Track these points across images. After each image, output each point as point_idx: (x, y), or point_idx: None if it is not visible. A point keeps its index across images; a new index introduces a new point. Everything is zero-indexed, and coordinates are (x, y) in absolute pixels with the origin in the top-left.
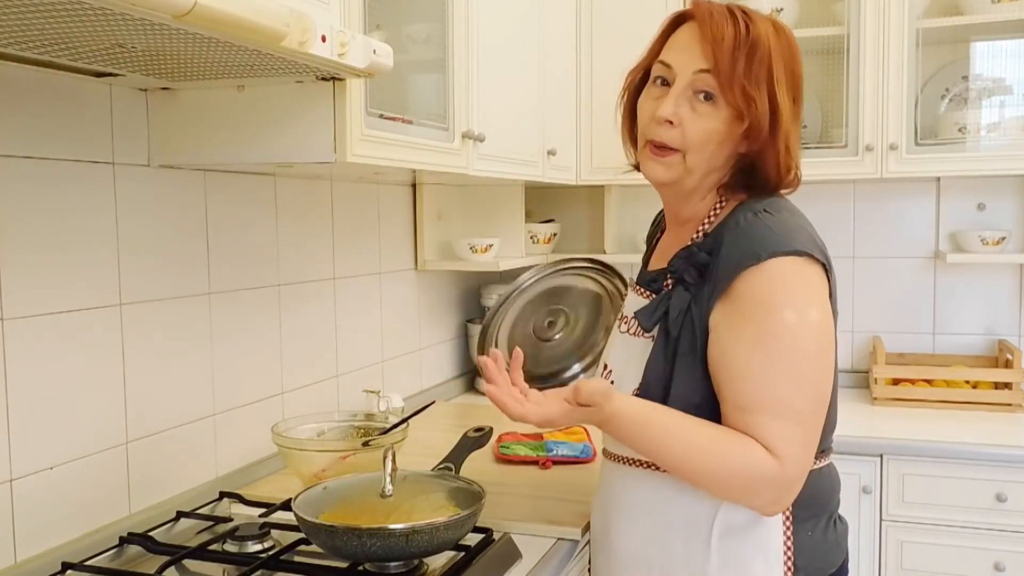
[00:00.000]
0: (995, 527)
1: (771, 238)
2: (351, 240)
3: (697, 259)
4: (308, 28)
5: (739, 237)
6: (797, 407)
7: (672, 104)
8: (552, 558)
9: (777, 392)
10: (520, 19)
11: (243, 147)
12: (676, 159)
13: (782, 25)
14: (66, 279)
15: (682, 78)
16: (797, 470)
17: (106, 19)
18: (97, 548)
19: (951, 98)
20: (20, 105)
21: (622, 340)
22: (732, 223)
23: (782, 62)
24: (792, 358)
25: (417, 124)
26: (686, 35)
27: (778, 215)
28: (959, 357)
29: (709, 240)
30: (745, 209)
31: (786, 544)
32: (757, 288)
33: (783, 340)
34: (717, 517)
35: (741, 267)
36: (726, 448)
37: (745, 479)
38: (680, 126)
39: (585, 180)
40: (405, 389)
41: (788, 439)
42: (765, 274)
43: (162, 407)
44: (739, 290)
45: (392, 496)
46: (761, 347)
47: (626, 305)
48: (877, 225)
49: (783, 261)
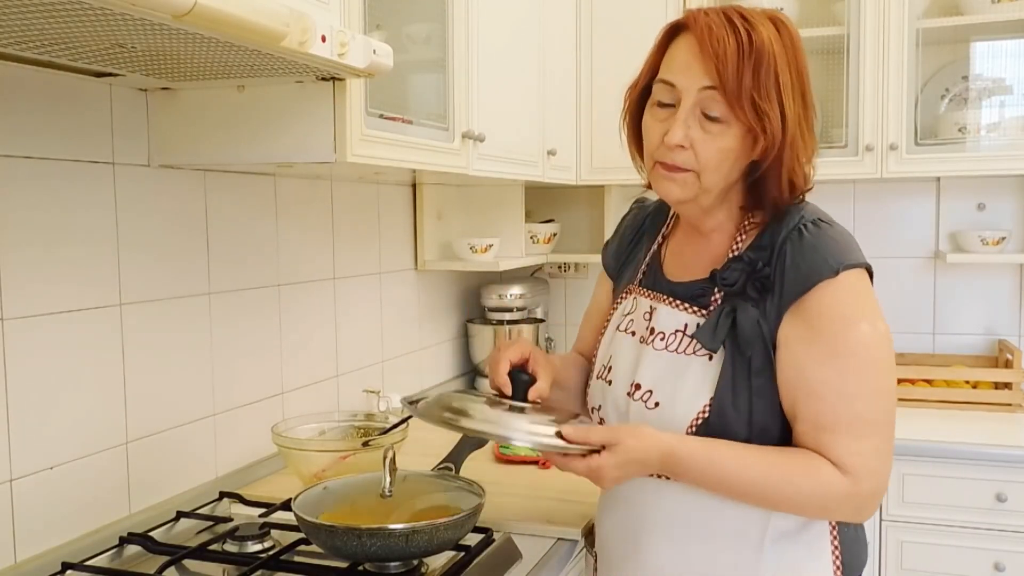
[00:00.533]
0: (995, 527)
1: (840, 250)
2: (351, 240)
3: (762, 273)
4: (308, 28)
5: (807, 249)
6: (875, 421)
7: (681, 128)
8: (552, 558)
9: (857, 409)
10: (520, 19)
11: (243, 147)
12: (690, 177)
13: (782, 20)
14: (66, 279)
15: (687, 98)
16: (875, 482)
17: (106, 19)
18: (97, 548)
19: (951, 98)
20: (20, 105)
21: (661, 358)
22: (792, 234)
23: (787, 64)
24: (871, 372)
25: (417, 124)
26: (684, 50)
27: (835, 227)
28: (959, 357)
29: (765, 252)
30: (795, 218)
31: (833, 544)
32: (834, 301)
33: (860, 355)
34: (769, 524)
35: (817, 279)
36: (794, 475)
37: (820, 501)
38: (692, 148)
39: (585, 180)
40: (405, 389)
41: (864, 455)
42: (841, 287)
43: (162, 407)
44: (814, 303)
45: (392, 496)
46: (840, 362)
47: (657, 318)
48: (877, 225)
49: (853, 274)
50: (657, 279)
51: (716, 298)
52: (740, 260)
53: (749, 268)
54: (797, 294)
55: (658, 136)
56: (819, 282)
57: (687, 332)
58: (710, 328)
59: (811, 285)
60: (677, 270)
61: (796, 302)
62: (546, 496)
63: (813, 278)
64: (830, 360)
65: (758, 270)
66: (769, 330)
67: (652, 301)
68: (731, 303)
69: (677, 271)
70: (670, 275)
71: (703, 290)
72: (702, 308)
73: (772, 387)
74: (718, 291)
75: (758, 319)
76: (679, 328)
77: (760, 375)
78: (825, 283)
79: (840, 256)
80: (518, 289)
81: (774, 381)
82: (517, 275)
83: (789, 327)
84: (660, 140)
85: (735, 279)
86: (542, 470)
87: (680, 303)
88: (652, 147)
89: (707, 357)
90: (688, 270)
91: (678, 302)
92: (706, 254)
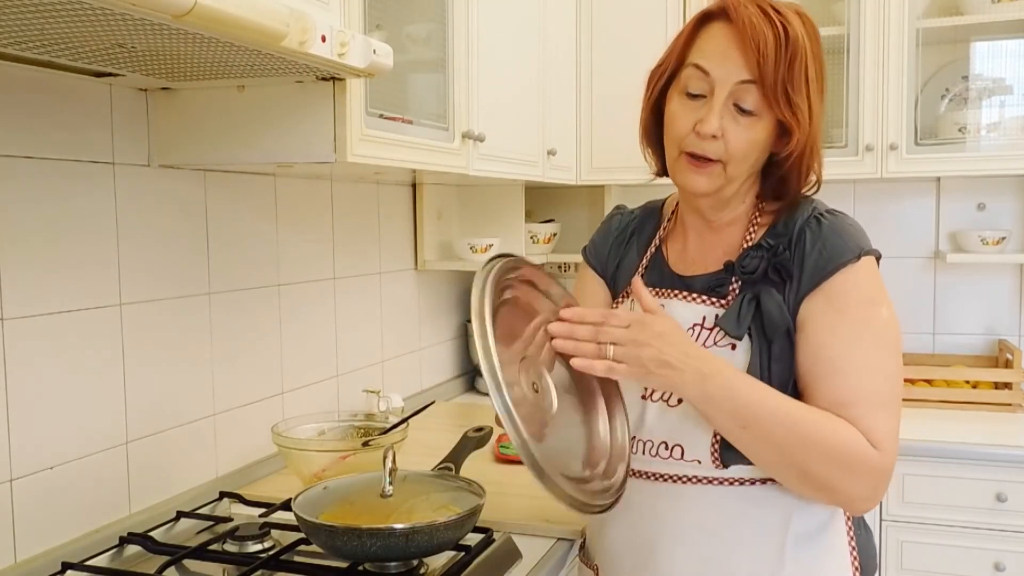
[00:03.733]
0: (995, 527)
1: (860, 237)
2: (351, 240)
3: (783, 258)
4: (308, 28)
5: (828, 235)
6: (891, 399)
7: (717, 118)
8: (552, 558)
9: (876, 385)
10: (520, 19)
11: (243, 147)
12: (717, 169)
13: (806, 14)
14: (66, 279)
15: (722, 88)
16: (892, 461)
17: (106, 19)
18: (97, 548)
19: (951, 98)
20: (20, 105)
21: None
22: (810, 221)
23: (814, 59)
24: (887, 353)
25: (417, 124)
26: (721, 39)
27: (848, 216)
28: (959, 357)
29: (783, 239)
30: (807, 208)
31: (851, 545)
32: (856, 284)
33: (881, 335)
34: (791, 526)
35: (840, 262)
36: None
37: (847, 458)
38: (723, 138)
39: (585, 180)
40: (405, 389)
41: (887, 431)
42: (862, 271)
43: (162, 407)
44: (837, 285)
45: (392, 496)
46: (863, 342)
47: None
48: (877, 225)
49: (870, 260)
50: (664, 275)
51: (734, 287)
52: (759, 247)
53: (770, 254)
54: (821, 278)
55: (687, 125)
56: (843, 266)
57: (705, 325)
58: (733, 316)
59: (835, 269)
60: (685, 266)
61: (820, 284)
62: (546, 496)
63: (837, 261)
64: (857, 339)
65: (779, 254)
66: (790, 313)
67: (660, 298)
68: (752, 290)
69: (685, 268)
70: (682, 272)
71: (720, 281)
72: (720, 299)
73: (787, 375)
74: (736, 280)
75: (781, 303)
76: (696, 322)
77: (779, 361)
78: (849, 267)
79: (861, 242)
80: None
81: (789, 369)
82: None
83: (808, 311)
84: (689, 129)
85: (755, 266)
86: None
87: (696, 296)
88: (680, 135)
89: (729, 347)
90: (697, 265)
91: (694, 295)
92: (718, 247)
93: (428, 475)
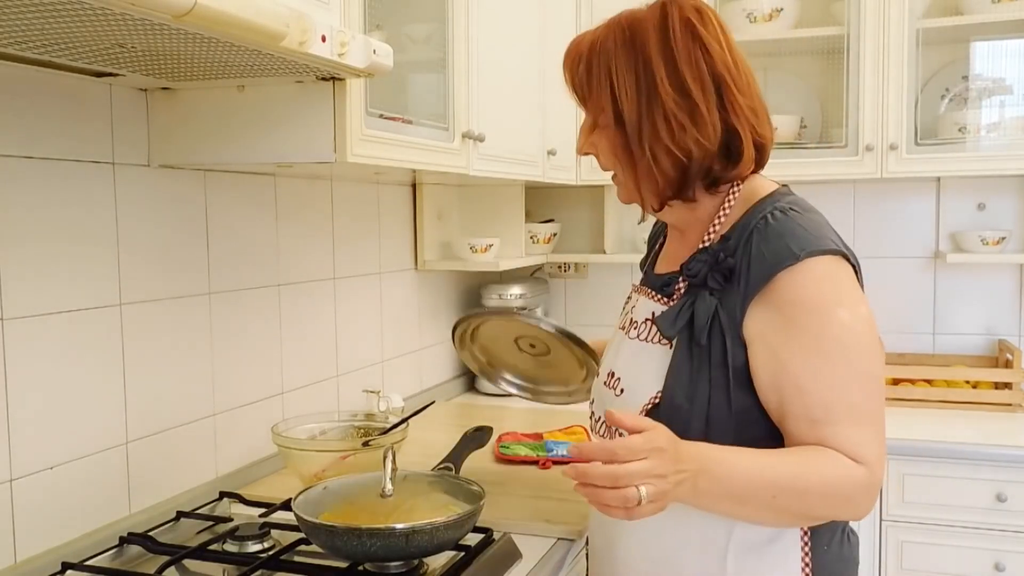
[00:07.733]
0: (995, 527)
1: (806, 237)
2: (351, 240)
3: (724, 264)
4: (308, 28)
5: (771, 236)
6: (868, 408)
7: (581, 137)
8: (552, 558)
9: (849, 398)
10: (520, 19)
11: (243, 147)
12: (618, 180)
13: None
14: (66, 279)
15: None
16: (880, 471)
17: (106, 19)
18: (97, 548)
19: (951, 98)
20: (20, 105)
21: (630, 345)
22: (759, 222)
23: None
24: (855, 358)
25: (417, 124)
26: None
27: (806, 214)
28: (959, 357)
29: (732, 242)
30: (767, 207)
31: (804, 561)
32: (802, 290)
33: (843, 342)
34: (733, 535)
35: (778, 267)
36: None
37: (846, 491)
38: (595, 152)
39: (585, 180)
40: (405, 389)
41: (868, 443)
42: (807, 274)
43: (162, 407)
44: (780, 293)
45: (392, 496)
46: (822, 354)
47: (634, 309)
48: (877, 225)
49: (821, 260)
50: (647, 273)
51: (680, 287)
52: (705, 251)
53: (712, 259)
54: (760, 283)
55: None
56: (781, 270)
57: (653, 320)
58: (671, 316)
59: (773, 273)
60: (663, 265)
61: (760, 292)
62: (546, 496)
63: (776, 266)
64: (812, 352)
65: (720, 261)
66: (732, 322)
67: (636, 294)
68: (694, 293)
69: (663, 266)
70: (658, 270)
71: (670, 281)
72: (666, 297)
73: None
74: (682, 281)
75: (716, 309)
76: (647, 317)
77: (719, 368)
78: (788, 271)
79: (804, 243)
80: (518, 289)
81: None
82: (517, 275)
83: (759, 321)
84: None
85: (698, 270)
86: (542, 470)
87: (652, 293)
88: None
89: (667, 346)
90: (669, 264)
91: (652, 292)
92: (684, 248)
93: (428, 475)
